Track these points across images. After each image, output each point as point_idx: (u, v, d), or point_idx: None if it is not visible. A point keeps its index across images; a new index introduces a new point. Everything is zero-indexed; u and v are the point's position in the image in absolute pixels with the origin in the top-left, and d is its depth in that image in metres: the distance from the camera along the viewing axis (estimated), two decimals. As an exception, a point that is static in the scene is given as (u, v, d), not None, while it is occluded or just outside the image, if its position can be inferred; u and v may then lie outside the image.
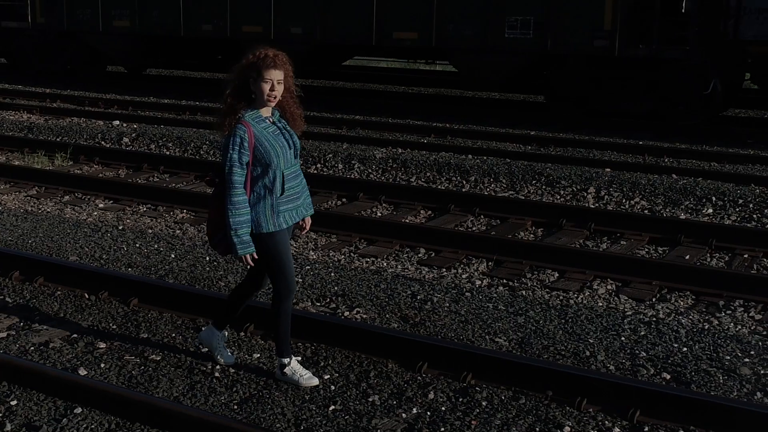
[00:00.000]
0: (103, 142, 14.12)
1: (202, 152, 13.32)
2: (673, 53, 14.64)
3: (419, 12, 16.21)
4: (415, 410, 4.95)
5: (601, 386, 4.95)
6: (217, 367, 5.43)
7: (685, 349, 5.80)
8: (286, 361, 5.17)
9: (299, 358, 5.39)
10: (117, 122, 15.41)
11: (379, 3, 16.57)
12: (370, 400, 5.05)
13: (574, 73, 15.55)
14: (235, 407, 4.95)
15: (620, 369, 5.49)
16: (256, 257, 4.86)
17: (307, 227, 5.19)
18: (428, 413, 4.91)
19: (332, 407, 4.97)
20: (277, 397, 5.05)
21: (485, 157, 12.32)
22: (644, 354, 5.68)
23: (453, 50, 16.44)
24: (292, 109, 4.94)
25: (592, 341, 5.88)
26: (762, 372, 5.45)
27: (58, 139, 14.00)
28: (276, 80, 4.74)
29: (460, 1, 15.87)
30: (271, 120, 4.86)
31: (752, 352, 5.78)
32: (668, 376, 5.39)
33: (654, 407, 4.81)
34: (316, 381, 5.16)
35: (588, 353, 5.67)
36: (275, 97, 4.78)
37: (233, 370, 5.39)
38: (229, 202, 4.74)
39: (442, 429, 4.74)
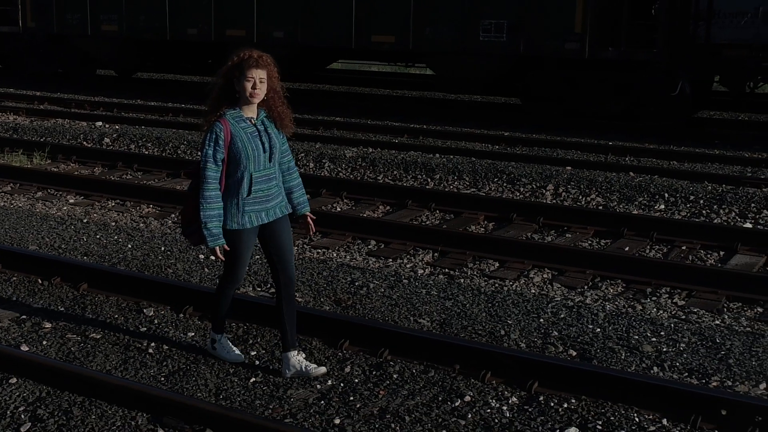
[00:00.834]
0: (84, 142, 14.49)
1: (179, 152, 13.67)
2: (642, 55, 14.97)
3: (397, 16, 16.57)
4: (330, 382, 5.29)
5: (503, 360, 5.29)
6: (152, 344, 5.78)
7: (598, 330, 6.14)
8: (218, 336, 5.51)
9: (230, 336, 5.74)
10: (100, 123, 15.79)
11: (358, 7, 16.94)
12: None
13: (548, 75, 15.89)
14: (162, 379, 5.30)
15: (530, 346, 5.83)
16: (227, 249, 5.02)
17: (312, 228, 5.34)
18: (342, 384, 5.25)
19: (253, 379, 5.32)
20: (203, 371, 5.40)
21: (451, 156, 12.66)
22: (556, 333, 6.01)
23: (429, 53, 16.80)
24: (278, 108, 5.04)
25: (510, 322, 6.22)
26: (664, 350, 5.78)
27: (41, 140, 14.37)
28: (258, 78, 4.86)
29: (436, 5, 16.22)
30: (252, 121, 4.97)
31: (662, 333, 6.11)
32: (574, 353, 5.73)
33: (550, 379, 5.15)
34: (241, 357, 5.50)
35: (503, 332, 6.01)
36: (258, 96, 4.89)
37: (167, 347, 5.74)
38: (202, 195, 4.91)
39: (351, 398, 5.08)
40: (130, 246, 8.03)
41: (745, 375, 5.42)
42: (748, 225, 9.63)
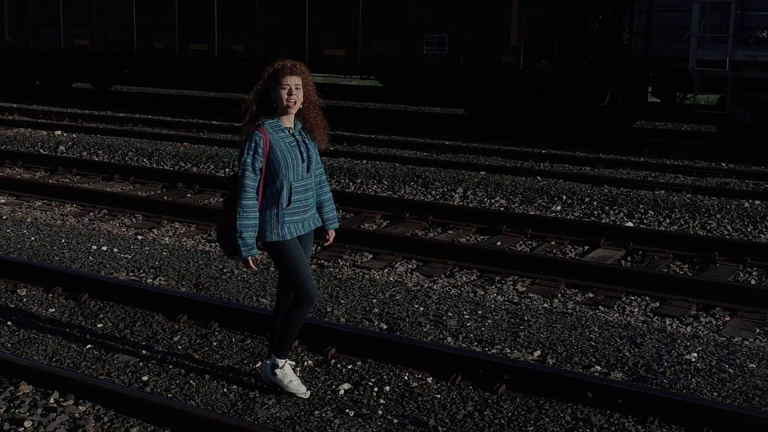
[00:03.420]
0: (41, 150, 15.28)
1: (127, 158, 14.42)
2: (573, 68, 15.65)
3: (347, 31, 17.34)
4: (158, 347, 5.99)
5: (307, 330, 5.95)
6: (13, 317, 6.49)
7: (421, 308, 6.80)
8: (280, 362, 5.21)
9: (293, 364, 5.57)
10: (59, 132, 16.58)
11: (311, 22, 17.72)
12: (126, 341, 6.09)
13: (488, 87, 16.59)
14: (9, 347, 6.01)
15: (351, 321, 6.50)
16: (258, 260, 4.96)
17: (331, 240, 5.28)
18: (167, 350, 5.94)
19: (88, 346, 6.02)
20: (46, 339, 6.10)
21: (376, 162, 13.36)
22: (377, 311, 6.68)
23: (377, 66, 17.55)
24: (313, 119, 4.97)
25: (343, 302, 6.89)
26: (468, 325, 6.44)
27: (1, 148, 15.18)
28: (294, 85, 4.80)
29: (383, 20, 16.98)
30: (290, 131, 4.92)
31: (479, 312, 6.77)
32: (385, 326, 6.40)
33: (344, 345, 5.82)
34: (303, 389, 5.21)
35: (329, 309, 6.69)
36: (295, 102, 4.83)
37: (25, 319, 6.45)
38: (239, 204, 4.82)
39: (169, 359, 5.77)
40: (33, 239, 8.76)
41: (527, 345, 6.08)
42: (630, 224, 10.27)
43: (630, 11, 16.82)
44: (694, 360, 5.84)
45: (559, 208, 11.00)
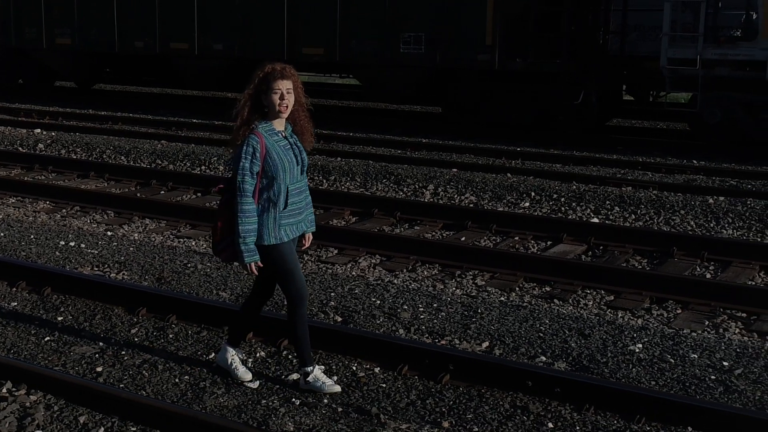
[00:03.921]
0: (20, 148, 15.37)
1: (105, 156, 14.53)
2: (548, 66, 15.80)
3: (325, 30, 17.46)
4: (115, 340, 6.12)
5: (266, 321, 6.10)
6: (-26, 311, 6.61)
7: (378, 302, 6.94)
8: (309, 369, 5.23)
9: (322, 368, 5.54)
10: (38, 130, 16.68)
11: (289, 21, 17.84)
12: (84, 334, 6.22)
13: (464, 85, 16.73)
14: (-33, 339, 6.14)
15: (310, 314, 6.63)
16: (261, 266, 4.98)
17: (307, 244, 5.32)
18: (123, 342, 6.08)
19: (47, 338, 6.15)
20: (5, 332, 6.23)
21: (351, 160, 13.49)
22: (333, 304, 6.83)
23: (355, 65, 17.69)
24: (302, 122, 5.03)
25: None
26: (421, 317, 6.59)
27: (-22, 145, 15.29)
28: (285, 89, 4.85)
29: (360, 19, 17.11)
30: (283, 134, 4.97)
31: (434, 305, 6.92)
32: (340, 319, 6.55)
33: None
34: (338, 388, 5.24)
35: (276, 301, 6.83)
36: (287, 107, 4.88)
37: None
38: (240, 210, 4.84)
39: (125, 351, 5.90)
40: (1, 234, 8.87)
41: (476, 336, 6.23)
42: (596, 220, 10.43)
43: (605, 10, 16.98)
44: (637, 351, 6.00)
45: (527, 204, 11.15)
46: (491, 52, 16.01)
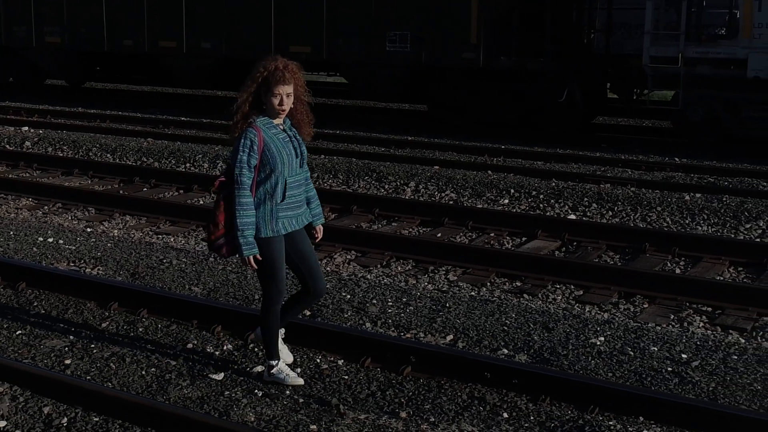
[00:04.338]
0: (7, 146, 15.46)
1: (91, 154, 14.62)
2: (531, 64, 15.90)
3: (312, 28, 17.57)
4: (86, 333, 6.22)
5: (227, 315, 6.21)
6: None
7: (348, 296, 7.04)
8: (273, 363, 5.33)
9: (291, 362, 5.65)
10: (26, 128, 16.77)
11: (277, 19, 17.95)
12: (56, 328, 6.32)
13: (449, 83, 16.83)
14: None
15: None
16: (260, 259, 4.98)
17: (319, 236, 5.36)
18: (94, 336, 6.18)
19: (19, 332, 6.25)
20: (-24, 326, 6.34)
21: (333, 157, 13.60)
22: (304, 298, 6.93)
23: (342, 63, 17.79)
24: (300, 116, 5.06)
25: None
26: (389, 311, 6.70)
27: (-34, 143, 15.37)
28: (285, 94, 4.88)
29: (347, 17, 17.21)
30: (282, 127, 5.00)
31: (404, 299, 7.02)
32: (308, 313, 6.64)
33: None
34: (300, 381, 5.35)
35: (257, 298, 6.93)
36: (285, 111, 4.93)
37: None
38: (238, 203, 4.88)
39: (94, 344, 6.00)
40: (-19, 231, 8.99)
41: (441, 330, 6.34)
42: (573, 216, 10.54)
43: (589, 9, 17.09)
44: (599, 344, 6.11)
45: (506, 201, 11.26)
46: (476, 51, 16.11)
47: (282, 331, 5.48)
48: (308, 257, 5.19)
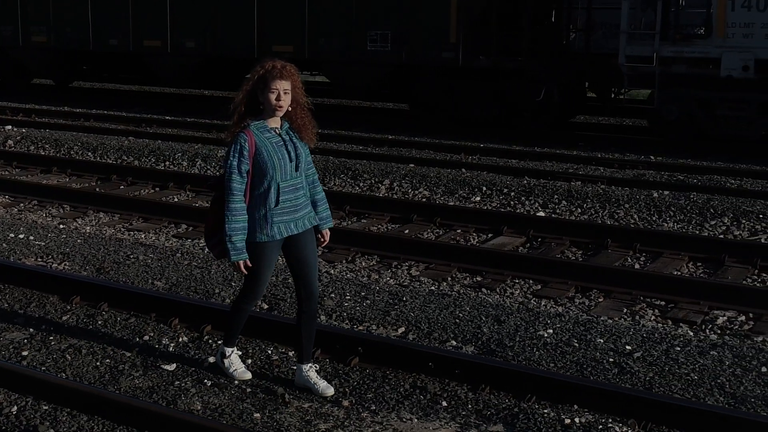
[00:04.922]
0: (-10, 145, 15.60)
1: (72, 152, 14.75)
2: (510, 63, 16.07)
3: (294, 28, 17.74)
4: (46, 326, 6.37)
5: (187, 309, 6.36)
6: None
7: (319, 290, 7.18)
8: (228, 351, 5.46)
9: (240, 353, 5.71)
10: (9, 127, 16.91)
11: (259, 19, 18.11)
12: (17, 321, 6.47)
13: (429, 82, 17.00)
14: None
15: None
16: (250, 264, 4.99)
17: (326, 240, 5.32)
18: (53, 329, 6.33)
19: (-15, 326, 6.40)
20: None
21: (312, 156, 13.71)
22: (268, 294, 7.08)
23: (324, 62, 17.96)
24: (300, 120, 4.99)
25: (234, 285, 7.28)
26: (345, 305, 6.85)
27: (-52, 142, 15.50)
28: (282, 90, 4.84)
29: (328, 17, 17.38)
30: (277, 131, 4.94)
31: (362, 293, 7.17)
32: (266, 306, 6.81)
33: (219, 323, 6.21)
34: (248, 375, 5.44)
35: (217, 291, 7.09)
36: (282, 107, 4.88)
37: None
38: (227, 208, 4.86)
39: (53, 336, 6.15)
40: (-45, 227, 9.13)
41: (394, 322, 6.49)
42: (542, 213, 10.69)
43: (568, 8, 17.25)
44: (546, 336, 6.26)
45: (478, 198, 11.41)
46: (455, 50, 16.28)
47: (311, 369, 5.42)
48: (305, 263, 5.14)
